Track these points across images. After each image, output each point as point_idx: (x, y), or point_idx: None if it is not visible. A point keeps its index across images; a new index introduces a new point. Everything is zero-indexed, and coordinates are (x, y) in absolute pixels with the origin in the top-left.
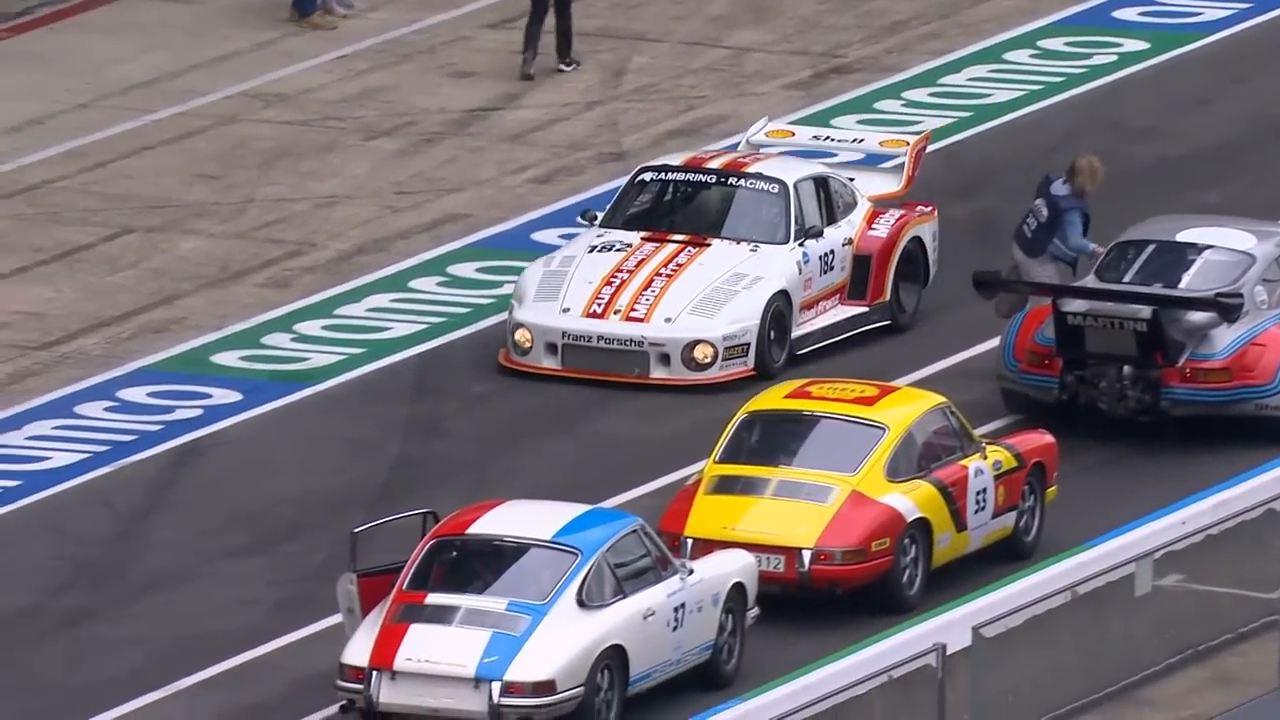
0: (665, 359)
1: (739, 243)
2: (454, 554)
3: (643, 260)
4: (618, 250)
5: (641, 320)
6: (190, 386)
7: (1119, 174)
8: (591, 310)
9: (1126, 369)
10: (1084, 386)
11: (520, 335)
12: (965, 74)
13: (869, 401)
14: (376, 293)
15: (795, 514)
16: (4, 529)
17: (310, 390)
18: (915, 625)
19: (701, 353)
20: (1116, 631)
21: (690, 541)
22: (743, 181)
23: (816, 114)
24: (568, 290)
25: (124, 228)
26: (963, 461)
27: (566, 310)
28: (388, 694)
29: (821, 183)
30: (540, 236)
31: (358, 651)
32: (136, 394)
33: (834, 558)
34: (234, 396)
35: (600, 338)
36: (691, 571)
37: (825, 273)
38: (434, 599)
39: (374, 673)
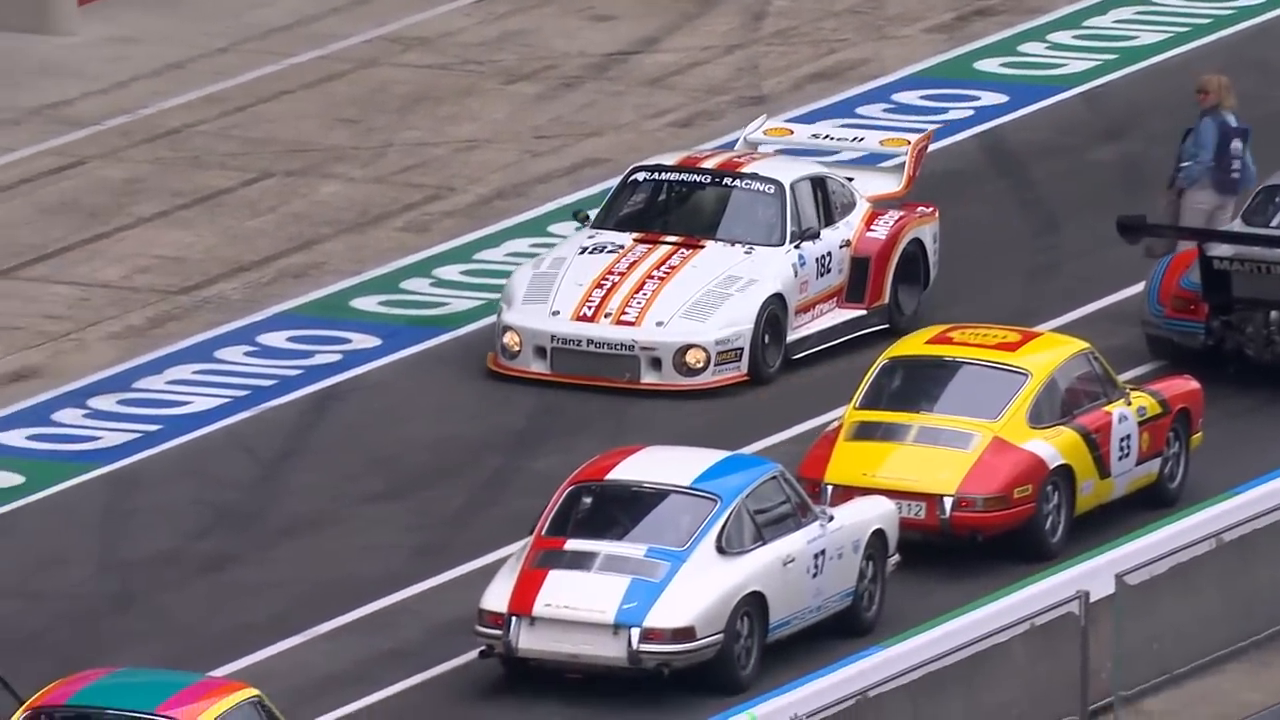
0: (657, 364)
1: (733, 245)
2: (593, 500)
3: (635, 262)
4: (609, 252)
5: (632, 324)
6: (329, 331)
7: (1265, 117)
8: (581, 313)
9: (1274, 314)
10: (1230, 332)
11: (509, 338)
12: (1111, 16)
13: (1011, 347)
14: (516, 237)
15: (936, 460)
16: (145, 473)
17: (449, 335)
18: (1057, 573)
19: (693, 357)
20: (1264, 579)
21: (830, 488)
22: (738, 182)
23: (959, 57)
24: (557, 292)
25: (263, 172)
26: (1106, 408)
27: (556, 313)
28: (526, 640)
29: (819, 183)
30: None
31: (497, 597)
32: (276, 339)
33: (976, 504)
34: (373, 341)
35: (590, 341)
36: (831, 518)
37: (822, 275)
38: (573, 545)
39: (513, 618)
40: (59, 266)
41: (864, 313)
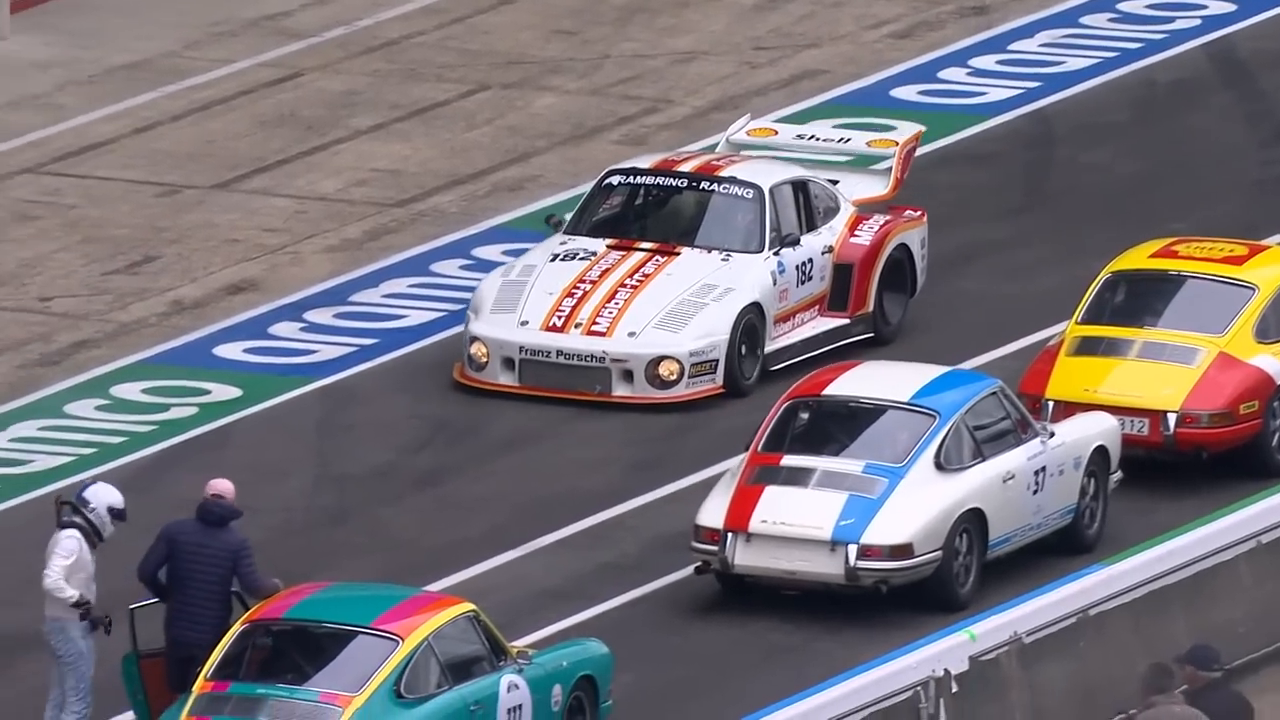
0: (628, 376)
1: (710, 251)
2: (809, 415)
3: (607, 270)
4: (581, 259)
5: (603, 334)
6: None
7: None
8: (551, 323)
9: None
10: None
11: (476, 349)
12: None
13: (1238, 261)
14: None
15: (1160, 376)
16: (361, 387)
17: None
18: None
19: (666, 369)
20: None
21: (1051, 404)
22: (715, 186)
23: None
24: (526, 302)
25: (480, 84)
26: None
27: (525, 323)
28: (743, 556)
29: (800, 187)
30: (899, 93)
31: (713, 513)
32: (491, 252)
33: (1200, 420)
34: None
35: (560, 353)
36: (1052, 434)
37: (803, 283)
38: (789, 461)
39: (729, 534)
40: (276, 179)
41: (847, 322)
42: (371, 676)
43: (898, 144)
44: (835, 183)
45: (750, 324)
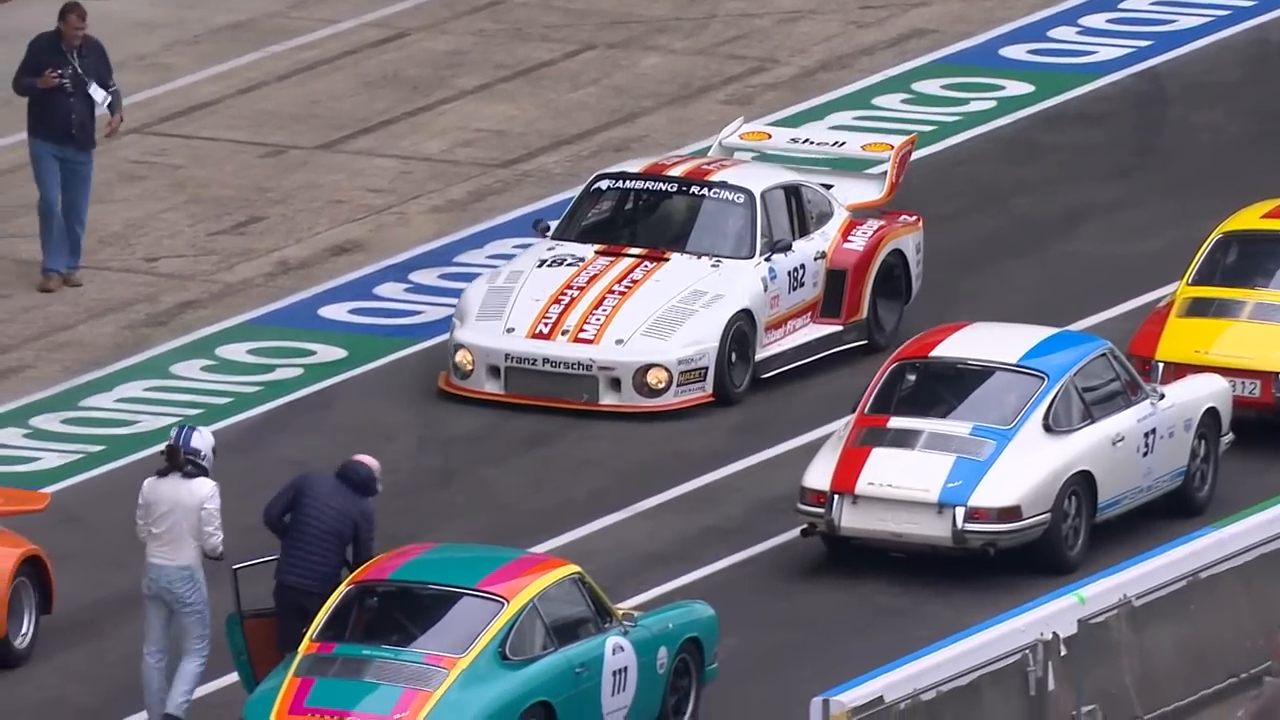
0: (616, 384)
1: (700, 257)
2: (917, 377)
3: (595, 276)
4: (569, 265)
5: (591, 342)
6: None
7: None
8: (537, 331)
9: None
10: None
11: (461, 357)
12: None
13: None
14: (840, 110)
15: (1272, 337)
16: None
17: None
18: None
19: (655, 377)
20: None
21: (1161, 365)
22: (705, 191)
23: None
24: (513, 309)
25: (585, 44)
26: None
27: (511, 330)
28: (849, 518)
29: (793, 191)
30: (1008, 52)
31: (819, 475)
32: None
33: None
34: None
35: (546, 360)
36: (1162, 396)
37: (795, 289)
38: (896, 423)
39: (835, 496)
40: (381, 140)
41: (840, 328)
42: (477, 638)
43: (893, 148)
44: (829, 187)
45: (740, 331)
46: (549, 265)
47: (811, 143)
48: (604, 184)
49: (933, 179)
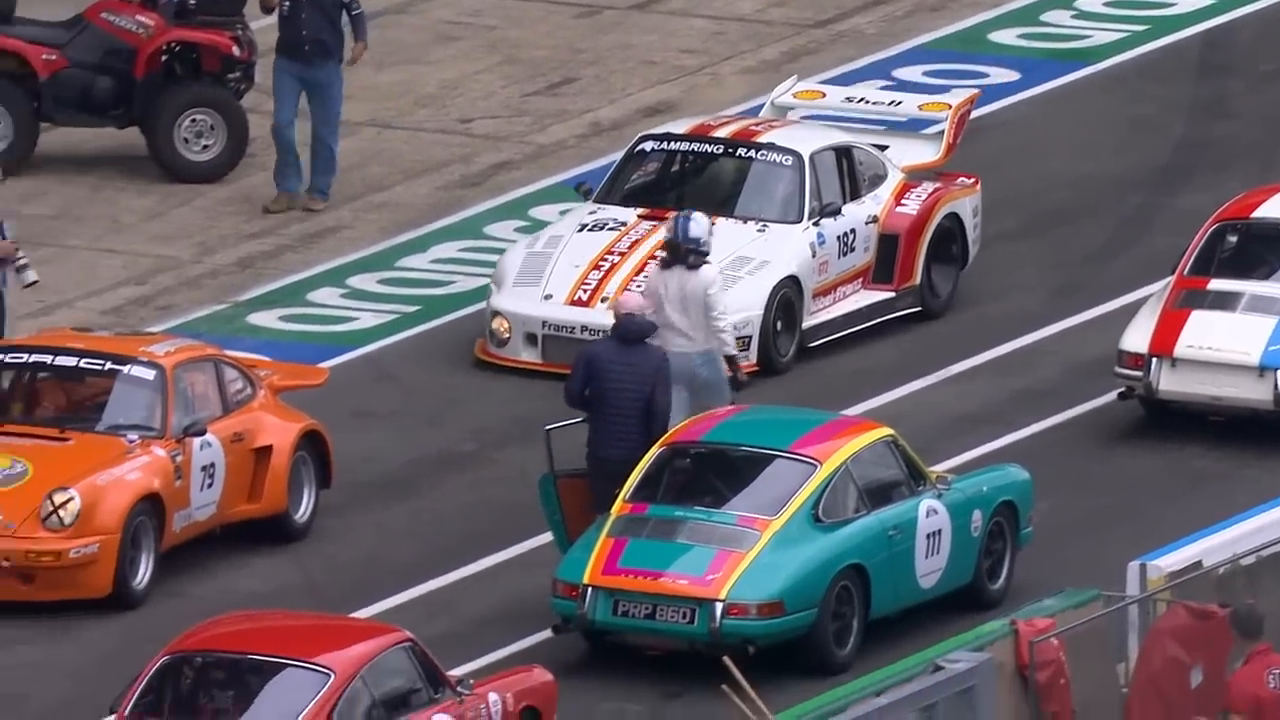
0: None
1: (746, 222)
2: (1238, 238)
3: (637, 241)
4: (610, 229)
5: None
6: (966, 65)
7: None
8: (576, 297)
9: None
10: None
11: (498, 324)
12: None
13: None
14: None
15: None
16: None
17: (1089, 69)
18: None
19: None
20: None
21: None
22: (752, 153)
23: None
24: (551, 274)
25: None
26: None
27: (549, 297)
28: (1167, 381)
29: (844, 153)
30: None
31: (1137, 338)
32: (912, 73)
33: None
34: (1011, 75)
35: (584, 328)
36: None
37: (845, 254)
38: (1217, 285)
39: (1153, 360)
40: (693, 0)
41: (893, 295)
42: (790, 500)
43: (951, 107)
44: (884, 148)
45: (786, 298)
46: (590, 230)
47: (867, 102)
48: (648, 145)
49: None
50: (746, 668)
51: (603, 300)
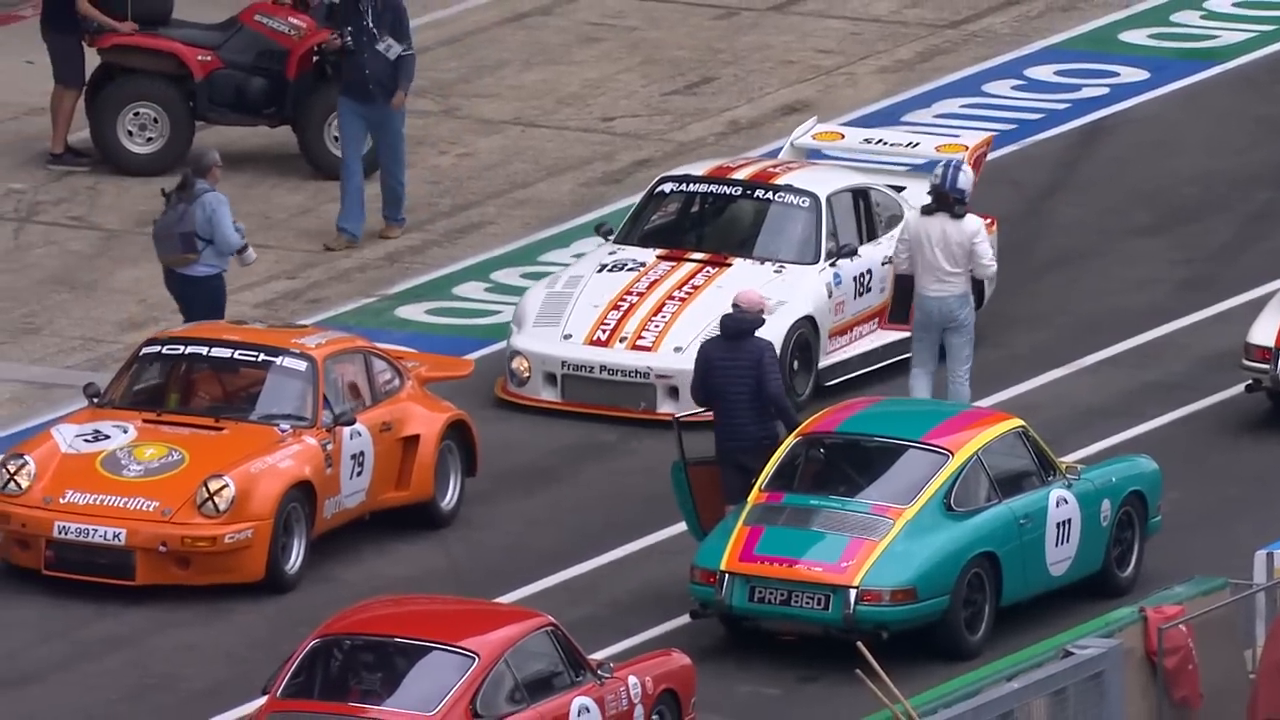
0: (674, 392)
1: (763, 263)
2: None
3: (655, 281)
4: (630, 270)
5: (649, 349)
6: (1097, 65)
7: None
8: (595, 337)
9: None
10: None
11: (517, 363)
12: None
13: None
14: None
15: None
16: None
17: (1219, 68)
18: None
19: None
20: None
21: None
22: (770, 194)
23: None
24: (571, 314)
25: None
26: None
27: (568, 337)
28: None
29: (861, 195)
30: None
31: (1265, 332)
32: (1043, 72)
33: None
34: (1141, 75)
35: (603, 368)
36: None
37: (861, 295)
38: None
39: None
40: (832, 1)
41: (908, 335)
42: (922, 489)
43: (967, 149)
44: (900, 189)
45: (803, 338)
46: (609, 270)
47: (885, 144)
48: (668, 187)
49: None
50: (880, 653)
51: (620, 340)
